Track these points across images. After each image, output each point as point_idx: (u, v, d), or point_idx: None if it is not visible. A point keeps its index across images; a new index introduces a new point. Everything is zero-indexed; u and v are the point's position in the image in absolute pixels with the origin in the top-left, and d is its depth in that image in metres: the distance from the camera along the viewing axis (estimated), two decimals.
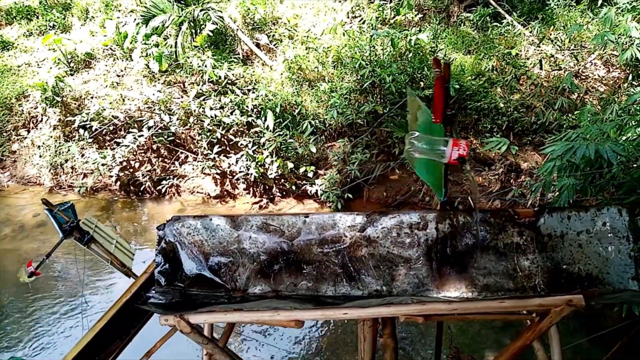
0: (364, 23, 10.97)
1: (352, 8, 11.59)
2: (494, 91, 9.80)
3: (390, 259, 2.40)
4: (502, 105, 9.42)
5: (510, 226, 2.42)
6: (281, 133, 9.44)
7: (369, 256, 2.41)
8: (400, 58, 10.18)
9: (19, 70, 11.38)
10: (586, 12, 11.02)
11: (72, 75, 10.79)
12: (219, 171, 9.76)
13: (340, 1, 11.77)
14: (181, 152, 10.02)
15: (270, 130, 9.39)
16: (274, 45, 11.06)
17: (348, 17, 11.47)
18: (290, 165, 9.34)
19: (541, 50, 10.44)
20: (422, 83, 9.93)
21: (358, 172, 9.13)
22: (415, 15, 11.01)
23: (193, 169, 9.88)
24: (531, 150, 9.31)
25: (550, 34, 10.65)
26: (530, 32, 10.70)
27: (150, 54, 10.18)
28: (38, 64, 11.47)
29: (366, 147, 9.47)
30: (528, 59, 10.32)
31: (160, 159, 9.99)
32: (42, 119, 10.50)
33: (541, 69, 10.03)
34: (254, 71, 10.50)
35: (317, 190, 9.28)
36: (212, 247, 2.52)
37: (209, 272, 2.51)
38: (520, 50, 10.39)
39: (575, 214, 2.40)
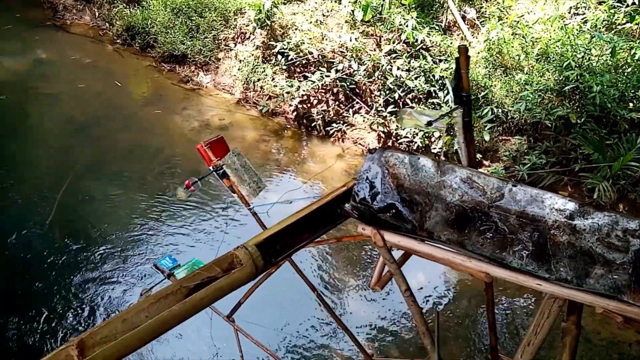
0: (585, 23, 9.96)
1: (576, 4, 10.56)
2: None
3: (590, 255, 2.31)
4: None
5: None
6: None
7: (568, 245, 2.34)
8: (615, 70, 9.14)
9: None
10: None
11: (284, 4, 11.61)
12: (385, 130, 9.94)
13: None
14: (357, 102, 10.36)
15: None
16: (481, 22, 10.63)
17: (569, 13, 10.49)
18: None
19: None
20: (631, 104, 8.84)
21: (526, 174, 8.62)
22: None
23: (363, 121, 10.18)
24: None
25: None
26: None
27: (358, 2, 10.50)
28: None
29: (544, 153, 8.84)
30: None
31: (336, 102, 10.45)
32: (249, 37, 11.57)
33: None
34: (451, 42, 10.28)
35: None
36: (412, 183, 2.64)
37: (401, 204, 2.64)
38: None
39: None
